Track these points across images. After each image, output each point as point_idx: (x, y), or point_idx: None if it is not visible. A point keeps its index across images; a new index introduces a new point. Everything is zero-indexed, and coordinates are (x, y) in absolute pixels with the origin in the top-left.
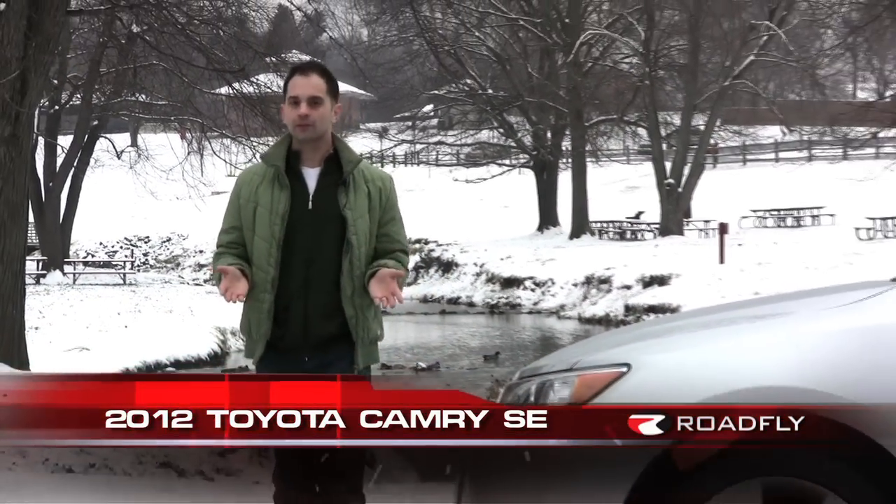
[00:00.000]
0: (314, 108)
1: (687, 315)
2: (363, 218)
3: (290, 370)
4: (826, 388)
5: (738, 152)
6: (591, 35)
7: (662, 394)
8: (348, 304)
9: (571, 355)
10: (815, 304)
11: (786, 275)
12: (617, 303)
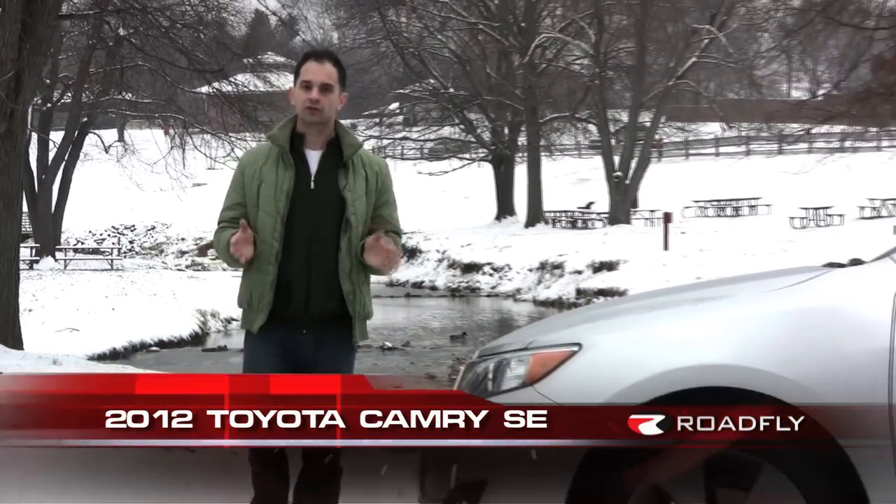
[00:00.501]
0: (325, 94)
1: (634, 298)
2: (361, 200)
3: (288, 341)
4: (763, 365)
5: (681, 147)
6: (545, 38)
7: (611, 371)
8: (346, 281)
9: (527, 335)
10: (752, 288)
11: (725, 261)
12: (569, 287)
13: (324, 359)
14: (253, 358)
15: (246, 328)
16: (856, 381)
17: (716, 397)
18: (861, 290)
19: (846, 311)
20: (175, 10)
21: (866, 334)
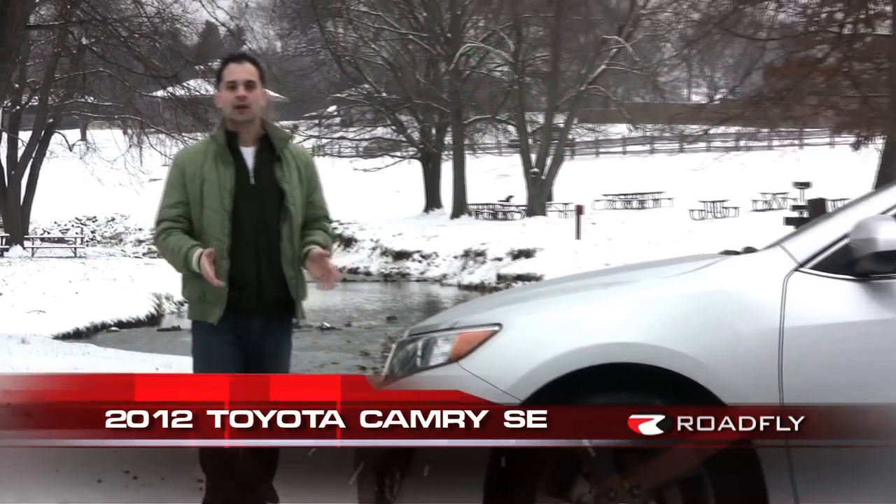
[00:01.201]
0: (250, 91)
1: (549, 283)
2: (297, 189)
3: (240, 329)
4: (665, 343)
5: (591, 146)
6: (468, 47)
7: (528, 348)
8: (289, 267)
9: (452, 316)
10: (656, 274)
11: (632, 249)
12: (490, 272)
13: (268, 345)
14: (206, 348)
15: (198, 319)
16: (749, 357)
17: (622, 374)
18: (754, 276)
19: (740, 295)
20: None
21: (758, 315)
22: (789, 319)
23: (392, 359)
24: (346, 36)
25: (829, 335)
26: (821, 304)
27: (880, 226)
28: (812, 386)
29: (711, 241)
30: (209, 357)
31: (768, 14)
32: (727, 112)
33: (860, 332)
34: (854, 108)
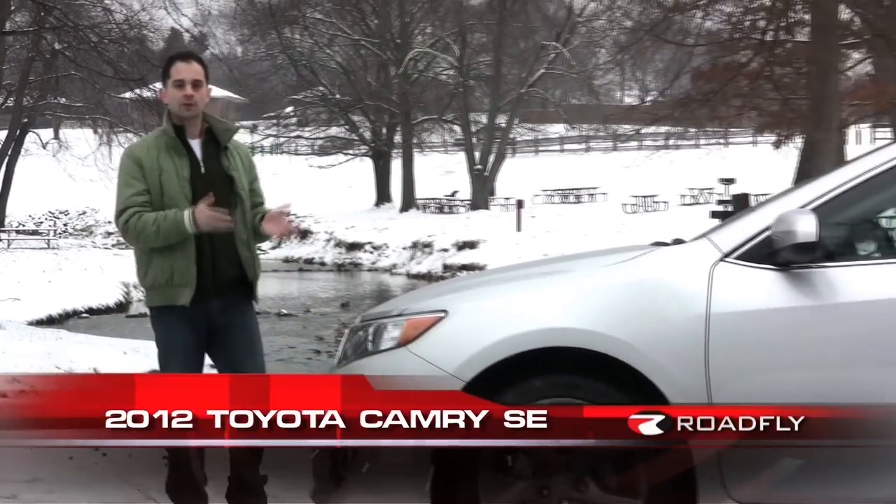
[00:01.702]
0: (197, 89)
1: (492, 272)
2: (243, 177)
3: (200, 310)
4: (599, 328)
5: (531, 144)
6: (417, 52)
7: (472, 333)
8: (244, 248)
9: (401, 304)
10: (591, 263)
11: (568, 240)
12: (437, 262)
13: (234, 320)
14: (174, 331)
15: (166, 303)
16: (677, 341)
17: (559, 356)
18: (682, 265)
19: (670, 283)
20: (103, 28)
21: (686, 302)
22: (715, 306)
23: (345, 343)
24: (303, 41)
25: (752, 320)
26: (744, 292)
27: (799, 219)
28: (735, 367)
29: (643, 234)
30: (178, 343)
31: (696, 22)
32: (657, 113)
33: (780, 317)
34: (775, 110)
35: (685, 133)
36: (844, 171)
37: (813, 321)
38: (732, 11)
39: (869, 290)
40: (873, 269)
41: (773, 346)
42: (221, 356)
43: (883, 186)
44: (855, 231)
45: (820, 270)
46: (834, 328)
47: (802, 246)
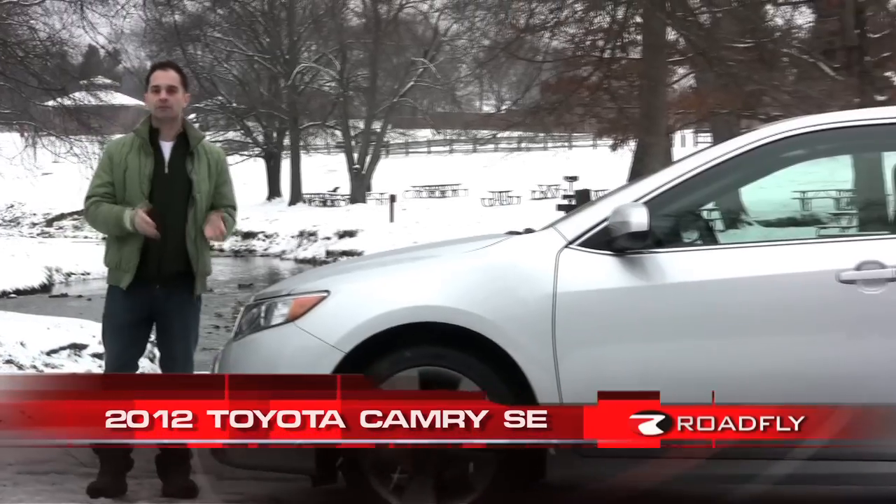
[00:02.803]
0: (172, 94)
1: (369, 257)
2: (204, 181)
3: (144, 294)
4: (461, 305)
5: (402, 147)
6: (303, 66)
7: (352, 310)
8: (191, 246)
9: (290, 285)
10: (454, 249)
11: (435, 230)
12: (321, 249)
13: (172, 308)
14: (114, 308)
15: (112, 284)
16: (528, 317)
17: (427, 331)
18: (532, 251)
19: (521, 266)
20: (28, 44)
21: (536, 283)
22: (560, 286)
23: (241, 319)
24: (204, 57)
25: (592, 299)
26: (585, 274)
27: (632, 211)
28: (577, 339)
29: (499, 224)
30: (116, 318)
31: (544, 41)
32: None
33: (617, 296)
34: (612, 117)
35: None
36: (671, 170)
37: (645, 299)
38: (575, 32)
39: (692, 272)
40: (696, 255)
41: (610, 321)
42: (159, 338)
43: (703, 183)
44: (680, 222)
45: (651, 255)
46: (663, 305)
47: (635, 234)
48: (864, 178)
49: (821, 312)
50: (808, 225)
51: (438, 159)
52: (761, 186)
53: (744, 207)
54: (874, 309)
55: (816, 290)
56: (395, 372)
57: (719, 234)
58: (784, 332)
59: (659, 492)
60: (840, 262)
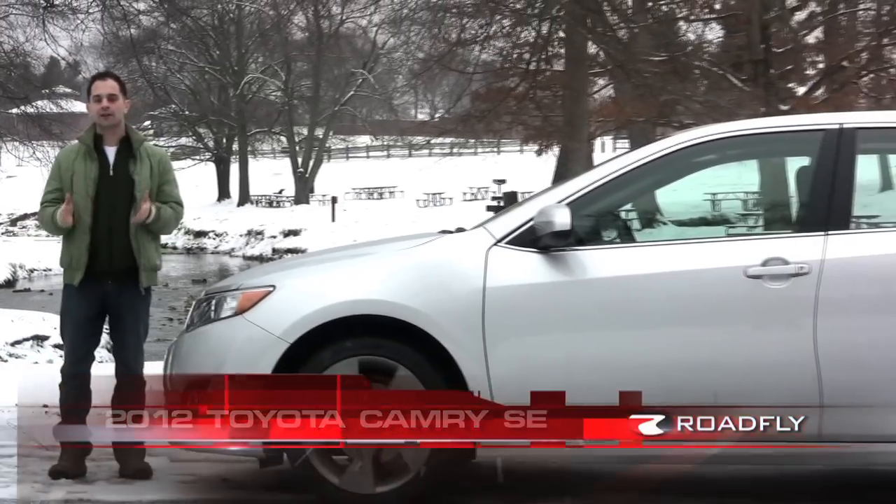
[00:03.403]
0: (112, 102)
1: (312, 254)
2: (146, 181)
3: (98, 290)
4: (397, 299)
5: (343, 152)
6: (251, 77)
7: (295, 304)
8: (134, 241)
9: (238, 280)
10: (391, 247)
11: (373, 229)
12: (268, 246)
13: (123, 302)
14: (70, 305)
15: (67, 282)
16: (460, 310)
17: (366, 322)
18: (463, 249)
19: (453, 263)
20: None
21: (466, 278)
22: (489, 281)
23: (192, 312)
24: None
25: (519, 293)
26: (512, 270)
27: (556, 212)
28: (505, 330)
29: (432, 224)
30: (72, 314)
31: (474, 54)
32: (444, 126)
33: (541, 291)
34: (538, 125)
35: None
36: (592, 174)
37: (567, 294)
38: (503, 46)
39: (611, 268)
40: (614, 252)
41: (535, 314)
42: (112, 330)
43: (622, 186)
44: (600, 221)
45: (573, 253)
46: (584, 299)
47: (559, 233)
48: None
49: (730, 305)
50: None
51: (376, 163)
52: (675, 189)
53: (659, 208)
54: (778, 302)
55: (726, 285)
56: (336, 361)
57: (636, 232)
58: (696, 324)
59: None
60: (747, 258)
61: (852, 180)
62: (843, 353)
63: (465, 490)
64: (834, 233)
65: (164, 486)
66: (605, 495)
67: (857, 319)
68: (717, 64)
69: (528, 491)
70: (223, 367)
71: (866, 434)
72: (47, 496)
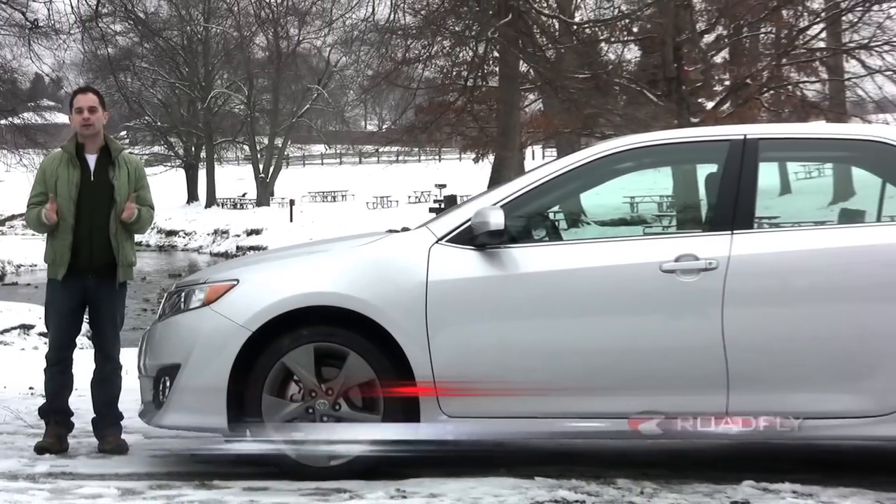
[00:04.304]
0: (93, 113)
1: (272, 251)
2: (124, 186)
3: (79, 284)
4: (349, 292)
5: (300, 159)
6: (217, 92)
7: (257, 296)
8: (113, 240)
9: (205, 274)
10: (343, 245)
11: (327, 228)
12: (232, 244)
13: (102, 295)
14: (54, 297)
15: (51, 277)
16: (406, 301)
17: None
18: (408, 246)
19: (399, 259)
20: None
21: (411, 273)
22: (431, 275)
23: (164, 304)
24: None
25: (458, 286)
26: (452, 266)
27: (491, 213)
28: (445, 319)
29: (380, 224)
30: (56, 305)
31: (418, 71)
32: (391, 137)
33: (478, 283)
34: (474, 135)
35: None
36: (523, 179)
37: (501, 286)
38: (444, 64)
39: (540, 263)
40: (543, 249)
41: (472, 305)
42: (92, 319)
43: (550, 190)
44: (531, 221)
45: (506, 250)
46: (516, 291)
47: (493, 232)
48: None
49: (646, 297)
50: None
51: (330, 170)
52: (598, 192)
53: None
54: (689, 294)
55: (643, 279)
56: (293, 347)
57: (563, 231)
58: (616, 314)
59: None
60: (662, 255)
61: (755, 185)
62: (747, 339)
63: (411, 462)
64: (739, 232)
65: (138, 461)
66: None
67: (759, 309)
68: (635, 81)
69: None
70: (192, 353)
71: (768, 411)
72: (33, 469)
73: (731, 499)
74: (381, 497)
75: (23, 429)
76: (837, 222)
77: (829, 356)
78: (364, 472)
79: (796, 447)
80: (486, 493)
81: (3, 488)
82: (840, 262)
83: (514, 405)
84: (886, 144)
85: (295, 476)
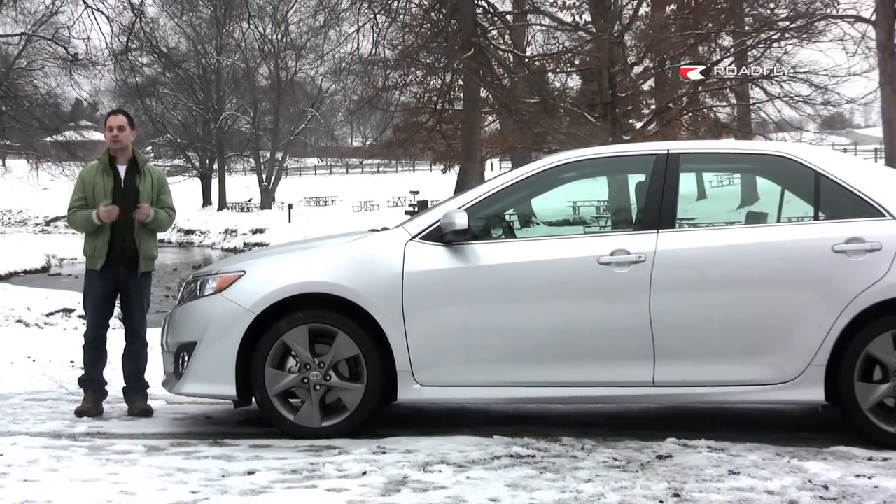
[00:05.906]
0: (122, 132)
1: (274, 247)
2: (149, 192)
3: (112, 274)
4: (338, 281)
5: (297, 170)
6: (227, 114)
7: (261, 284)
8: (138, 237)
9: (217, 267)
10: (333, 241)
11: (320, 228)
12: (240, 241)
13: (131, 284)
14: (91, 285)
15: (89, 267)
16: (386, 290)
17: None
18: (388, 243)
19: (380, 253)
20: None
21: (389, 265)
22: (407, 267)
23: (182, 291)
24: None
25: (429, 277)
26: (424, 259)
27: (457, 215)
28: (418, 304)
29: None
30: (93, 292)
31: (395, 96)
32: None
33: (446, 275)
34: (443, 150)
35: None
36: (484, 187)
37: (465, 277)
38: (417, 91)
39: (498, 257)
40: (500, 245)
41: (442, 292)
42: (123, 304)
43: (506, 196)
44: (490, 222)
45: (469, 246)
46: (477, 281)
47: (459, 231)
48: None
49: (586, 285)
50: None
51: (322, 178)
52: (546, 198)
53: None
54: (622, 283)
55: (583, 270)
56: (291, 328)
57: (516, 230)
58: (561, 299)
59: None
60: (599, 250)
61: (677, 192)
62: (670, 321)
63: (390, 424)
64: (663, 231)
65: (162, 423)
66: (493, 428)
67: (680, 296)
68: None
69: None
70: (206, 332)
71: (688, 381)
72: (73, 430)
73: (657, 453)
74: (365, 452)
75: (65, 396)
76: (745, 223)
77: (738, 334)
78: (350, 432)
79: (711, 410)
80: (452, 449)
81: (49, 445)
82: (747, 256)
83: (475, 375)
84: (785, 158)
85: (293, 435)
